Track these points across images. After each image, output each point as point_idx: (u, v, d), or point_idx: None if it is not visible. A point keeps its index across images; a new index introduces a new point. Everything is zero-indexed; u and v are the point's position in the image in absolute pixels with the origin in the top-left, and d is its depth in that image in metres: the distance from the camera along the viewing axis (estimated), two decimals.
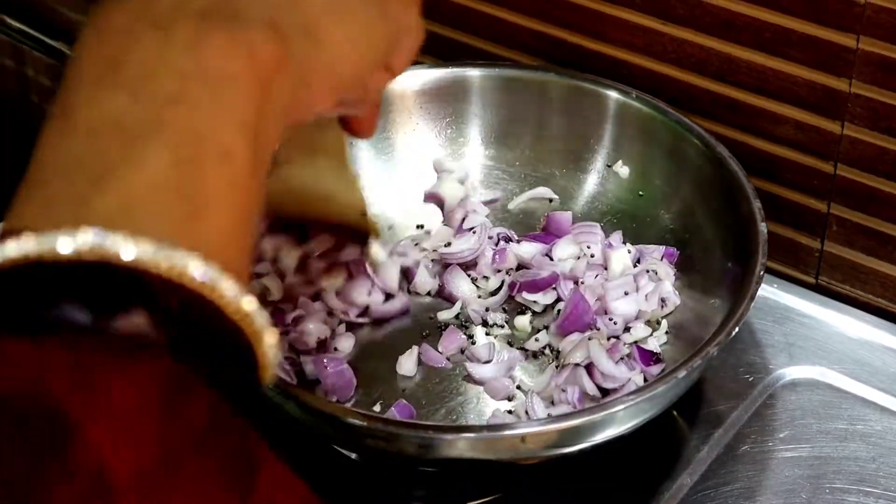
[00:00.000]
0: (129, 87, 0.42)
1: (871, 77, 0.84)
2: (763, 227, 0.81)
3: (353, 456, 0.80)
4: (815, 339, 0.88)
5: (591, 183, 0.95)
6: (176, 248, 0.39)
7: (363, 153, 0.94)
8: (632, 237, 0.91)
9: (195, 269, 0.39)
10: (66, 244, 0.38)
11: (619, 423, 0.74)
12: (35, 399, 0.35)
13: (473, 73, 0.95)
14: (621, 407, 0.72)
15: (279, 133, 0.47)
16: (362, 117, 0.66)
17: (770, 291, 0.91)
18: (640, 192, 0.92)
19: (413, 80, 0.95)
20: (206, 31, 0.44)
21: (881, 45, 0.82)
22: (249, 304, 0.40)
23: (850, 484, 0.78)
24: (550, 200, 0.95)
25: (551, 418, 0.76)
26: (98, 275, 0.38)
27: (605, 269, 0.88)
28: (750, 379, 0.85)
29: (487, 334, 0.86)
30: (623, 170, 0.93)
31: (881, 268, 0.90)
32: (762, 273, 0.78)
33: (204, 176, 0.41)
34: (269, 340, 0.41)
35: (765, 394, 0.84)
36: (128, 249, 0.38)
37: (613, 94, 0.92)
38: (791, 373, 0.86)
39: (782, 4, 0.85)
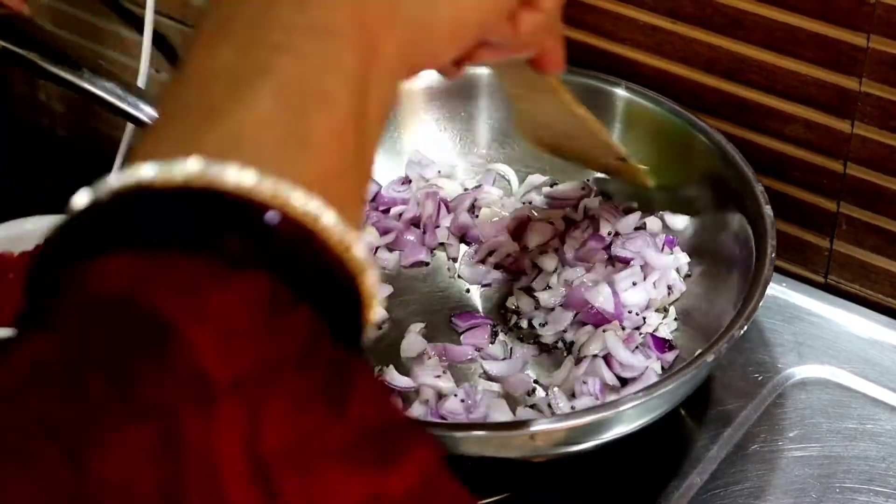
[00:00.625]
0: (237, 39, 0.44)
1: (881, 76, 0.84)
2: (771, 223, 0.81)
3: None
4: (825, 339, 0.88)
5: (598, 180, 0.95)
6: (281, 178, 0.40)
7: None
8: None
9: (298, 199, 0.39)
10: (175, 172, 0.39)
11: (628, 420, 0.74)
12: (133, 301, 0.36)
13: (482, 71, 0.95)
14: (630, 405, 0.72)
15: (394, 84, 0.48)
16: (543, 54, 0.66)
17: (779, 290, 0.91)
18: (648, 190, 0.92)
19: (421, 79, 0.95)
20: None
21: (892, 44, 0.82)
22: (353, 238, 0.40)
23: (860, 483, 0.78)
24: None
25: (560, 416, 0.76)
26: (205, 202, 0.39)
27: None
28: (759, 378, 0.85)
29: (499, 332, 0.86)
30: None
31: (891, 267, 0.90)
32: (771, 269, 0.78)
33: (307, 119, 0.42)
34: (372, 277, 0.41)
35: (774, 393, 0.84)
36: (234, 176, 0.39)
37: (621, 92, 0.92)
38: (800, 372, 0.85)
39: (792, 3, 0.85)
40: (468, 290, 0.90)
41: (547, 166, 0.96)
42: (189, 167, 0.39)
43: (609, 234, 0.88)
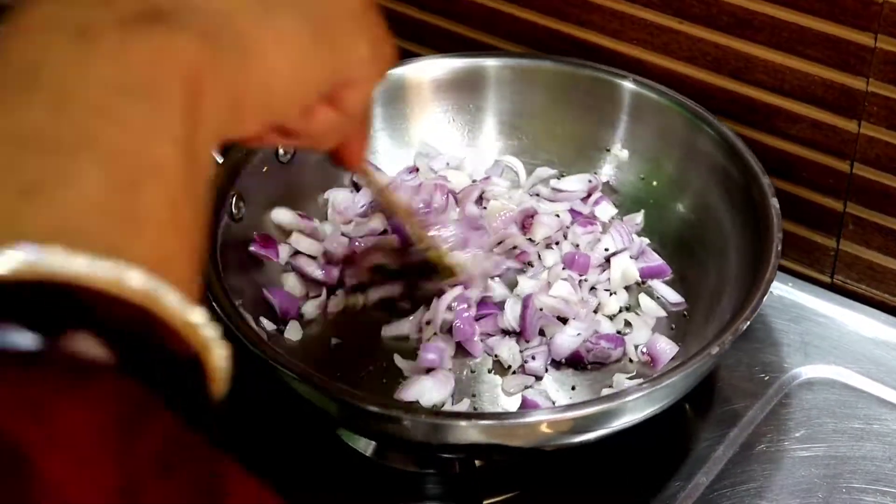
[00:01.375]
0: (48, 97, 0.40)
1: (888, 76, 0.84)
2: (777, 215, 0.81)
3: (367, 453, 0.80)
4: (831, 339, 0.88)
5: (605, 173, 0.95)
6: (115, 262, 0.37)
7: (380, 143, 0.95)
8: (647, 226, 0.92)
9: (135, 280, 0.37)
10: (3, 262, 0.36)
11: (633, 411, 0.74)
12: None
13: (489, 63, 0.96)
14: (634, 396, 0.72)
15: (213, 146, 0.45)
16: (342, 149, 0.64)
17: (785, 290, 0.91)
18: (654, 182, 0.93)
19: (429, 70, 0.95)
20: (130, 37, 0.42)
21: None
22: (196, 315, 0.38)
23: (866, 483, 0.78)
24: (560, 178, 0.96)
25: (564, 406, 0.75)
26: (37, 295, 0.36)
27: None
28: (765, 378, 0.85)
29: None
30: (637, 159, 0.93)
31: None
32: (777, 261, 0.78)
33: (138, 193, 0.39)
34: (220, 352, 0.39)
35: (780, 393, 0.84)
36: (68, 264, 0.36)
37: (628, 84, 0.93)
38: (806, 372, 0.85)
39: (799, 3, 0.85)
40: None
41: (555, 159, 0.97)
42: (18, 257, 0.36)
43: (606, 249, 0.89)
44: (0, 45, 0.42)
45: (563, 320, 0.85)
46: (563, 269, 0.88)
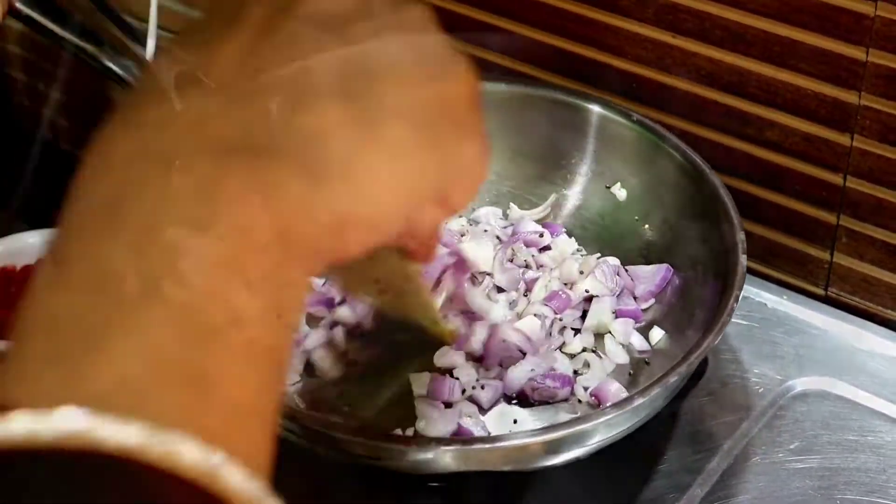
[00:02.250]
0: (129, 237, 0.37)
1: (880, 89, 0.84)
2: (741, 238, 0.81)
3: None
4: (825, 351, 0.88)
5: (571, 197, 0.95)
6: (171, 432, 0.33)
7: None
8: (613, 251, 0.91)
9: (189, 454, 0.33)
10: (45, 429, 0.32)
11: (599, 433, 0.73)
12: None
13: None
14: (601, 419, 0.71)
15: (306, 283, 0.42)
16: (417, 248, 0.58)
17: (780, 303, 0.91)
18: (621, 205, 0.93)
19: None
20: (222, 171, 0.39)
21: (890, 58, 0.83)
22: (258, 491, 0.34)
23: (860, 495, 0.78)
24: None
25: (528, 432, 0.74)
26: (87, 466, 0.32)
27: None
28: (760, 390, 0.85)
29: None
30: (601, 182, 0.93)
31: (891, 279, 0.90)
32: (741, 283, 0.78)
33: (210, 346, 0.36)
34: None
35: (774, 405, 0.84)
36: (116, 433, 0.32)
37: (594, 108, 0.92)
38: (801, 384, 0.86)
39: (792, 17, 0.85)
40: None
41: (518, 182, 0.96)
42: (62, 423, 0.32)
43: (587, 291, 0.87)
44: (88, 175, 0.40)
45: (523, 353, 0.83)
46: (543, 304, 0.86)
